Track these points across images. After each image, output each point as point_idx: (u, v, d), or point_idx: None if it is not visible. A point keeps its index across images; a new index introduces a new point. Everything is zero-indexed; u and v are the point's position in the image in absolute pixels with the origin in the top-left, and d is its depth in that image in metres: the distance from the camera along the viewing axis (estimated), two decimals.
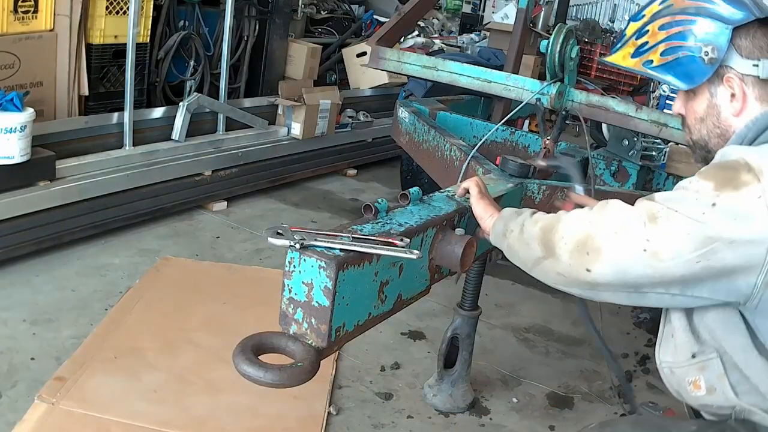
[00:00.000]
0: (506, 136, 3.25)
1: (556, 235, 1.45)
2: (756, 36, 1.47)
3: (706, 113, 1.54)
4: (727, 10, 1.47)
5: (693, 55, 1.48)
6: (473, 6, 9.85)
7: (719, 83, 1.50)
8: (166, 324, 3.01)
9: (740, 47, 1.47)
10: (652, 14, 1.57)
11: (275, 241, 1.43)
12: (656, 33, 1.54)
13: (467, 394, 2.81)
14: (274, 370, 1.38)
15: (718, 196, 1.28)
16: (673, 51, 1.51)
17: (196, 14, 4.60)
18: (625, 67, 1.62)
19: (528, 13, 3.45)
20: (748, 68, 1.46)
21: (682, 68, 1.50)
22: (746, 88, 1.48)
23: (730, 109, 1.50)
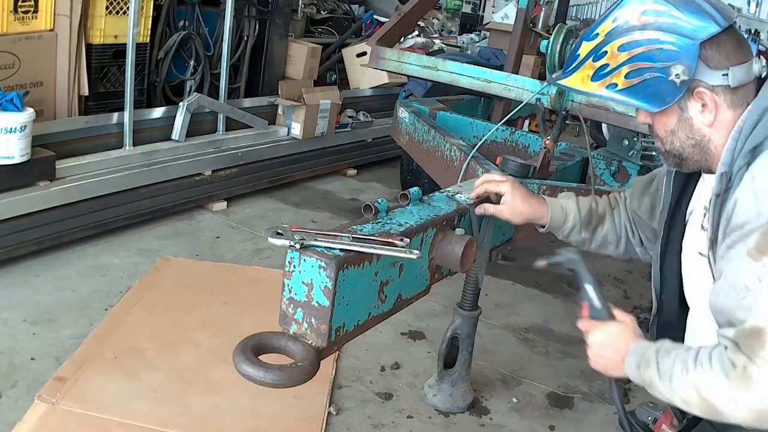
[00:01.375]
0: (506, 136, 3.25)
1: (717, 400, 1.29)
2: (721, 43, 1.42)
3: (678, 126, 1.49)
4: (691, 24, 1.40)
5: (661, 77, 1.42)
6: (473, 6, 9.85)
7: (689, 97, 1.44)
8: (166, 324, 3.01)
9: (708, 59, 1.41)
10: (607, 33, 1.48)
11: (275, 241, 1.43)
12: (616, 54, 1.46)
13: (467, 394, 2.81)
14: (274, 370, 1.38)
15: None
16: (639, 73, 1.43)
17: (196, 14, 4.60)
18: (586, 91, 1.53)
19: (528, 13, 3.46)
20: (717, 79, 1.42)
21: (650, 90, 1.43)
22: (717, 98, 1.43)
23: (702, 120, 1.45)
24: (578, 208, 1.90)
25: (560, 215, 1.89)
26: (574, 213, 1.89)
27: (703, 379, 1.29)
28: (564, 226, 1.90)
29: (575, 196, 1.94)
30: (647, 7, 1.44)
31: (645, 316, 3.74)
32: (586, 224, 1.90)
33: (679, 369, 1.34)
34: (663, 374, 1.37)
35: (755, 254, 1.26)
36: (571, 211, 1.89)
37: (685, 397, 1.33)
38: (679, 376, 1.33)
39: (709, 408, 1.29)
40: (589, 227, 1.90)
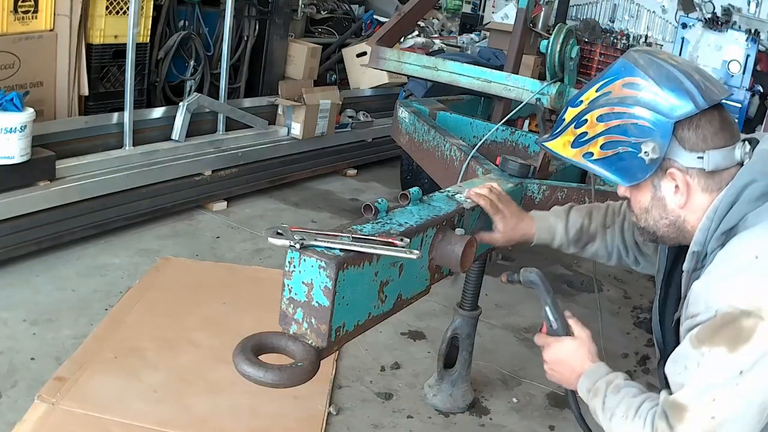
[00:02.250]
0: (506, 136, 3.25)
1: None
2: (700, 125, 1.38)
3: (651, 204, 1.47)
4: (668, 102, 1.37)
5: (633, 152, 1.40)
6: (473, 6, 9.83)
7: (662, 176, 1.42)
8: (166, 324, 3.01)
9: (683, 139, 1.38)
10: (590, 101, 1.47)
11: (275, 241, 1.43)
12: (595, 124, 1.45)
13: (467, 394, 2.81)
14: (274, 370, 1.38)
15: (738, 360, 1.23)
16: (613, 145, 1.42)
17: (196, 14, 4.60)
18: (565, 157, 1.53)
19: (528, 13, 3.45)
20: (692, 161, 1.39)
21: (623, 163, 1.42)
22: (690, 180, 1.40)
23: (675, 201, 1.43)
24: (566, 229, 1.93)
25: (546, 237, 1.93)
26: (561, 235, 1.92)
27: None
28: (551, 244, 1.95)
29: (566, 214, 1.95)
30: (629, 81, 1.43)
31: (645, 316, 3.75)
32: (575, 242, 1.94)
33: (621, 412, 1.41)
34: (606, 410, 1.45)
35: (696, 343, 1.29)
36: (557, 233, 1.92)
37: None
38: (619, 419, 1.41)
39: None
40: (578, 244, 1.94)
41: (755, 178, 1.35)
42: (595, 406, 1.49)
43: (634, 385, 1.48)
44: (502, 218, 1.90)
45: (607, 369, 1.54)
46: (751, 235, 1.33)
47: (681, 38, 6.65)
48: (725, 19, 6.65)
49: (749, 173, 1.36)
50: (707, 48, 6.55)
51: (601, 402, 1.47)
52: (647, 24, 8.04)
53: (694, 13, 6.92)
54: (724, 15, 6.71)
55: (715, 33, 6.52)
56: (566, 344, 1.61)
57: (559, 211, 1.97)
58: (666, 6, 7.79)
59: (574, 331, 1.63)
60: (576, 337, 1.61)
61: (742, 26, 6.62)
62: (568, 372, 1.59)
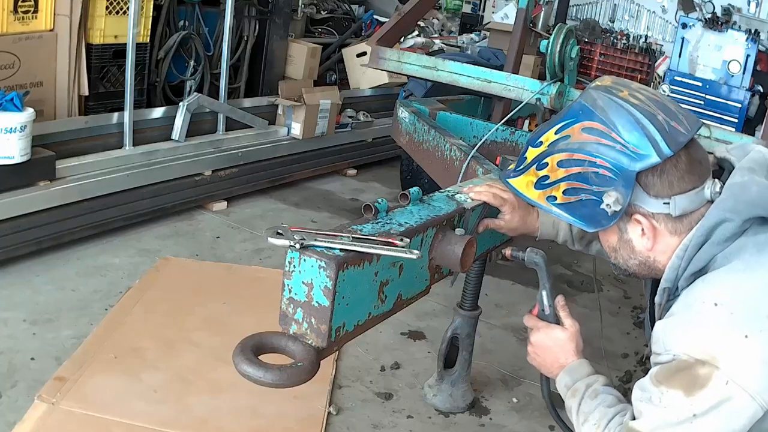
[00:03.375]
0: (506, 136, 3.24)
1: None
2: (665, 171, 1.34)
3: (619, 245, 1.46)
4: (629, 151, 1.32)
5: (596, 200, 1.37)
6: (473, 6, 9.84)
7: (628, 221, 1.40)
8: (166, 324, 3.01)
9: (647, 186, 1.35)
10: (549, 144, 1.43)
11: (275, 241, 1.42)
12: (556, 169, 1.41)
13: (467, 394, 2.81)
14: (274, 370, 1.38)
15: (693, 404, 1.25)
16: (575, 192, 1.39)
17: (196, 14, 4.60)
18: (530, 199, 1.49)
19: (528, 13, 3.45)
20: (658, 207, 1.36)
21: (586, 210, 1.39)
22: (657, 225, 1.38)
23: (642, 244, 1.42)
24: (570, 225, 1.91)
25: (550, 232, 1.93)
26: (564, 231, 1.92)
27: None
28: (556, 239, 1.94)
29: None
30: (588, 125, 1.38)
31: (645, 316, 3.74)
32: (579, 239, 1.93)
33: (594, 419, 1.45)
34: (581, 413, 1.50)
35: (656, 382, 1.31)
36: (561, 229, 1.92)
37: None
38: (590, 426, 1.46)
39: None
40: (583, 241, 1.94)
41: (725, 218, 1.32)
42: (571, 405, 1.53)
43: (611, 392, 1.50)
44: (510, 208, 1.88)
45: (590, 369, 1.57)
46: (715, 280, 1.32)
47: (681, 38, 6.64)
48: (725, 19, 6.65)
49: (719, 212, 1.33)
50: (707, 48, 6.54)
51: (578, 404, 1.51)
52: (647, 24, 8.04)
53: (694, 13, 6.92)
54: (724, 15, 6.71)
55: (715, 33, 6.51)
56: (556, 333, 1.63)
57: None
58: (666, 6, 7.79)
59: (565, 323, 1.64)
60: (566, 329, 1.63)
61: (742, 26, 6.62)
62: (551, 360, 1.62)
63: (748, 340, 1.23)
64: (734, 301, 1.27)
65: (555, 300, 1.67)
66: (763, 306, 1.26)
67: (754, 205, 1.31)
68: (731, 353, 1.23)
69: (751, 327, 1.24)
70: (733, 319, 1.25)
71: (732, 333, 1.24)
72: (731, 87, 6.45)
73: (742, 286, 1.29)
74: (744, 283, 1.29)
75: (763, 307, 1.26)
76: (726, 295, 1.28)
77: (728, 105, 6.46)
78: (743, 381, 1.22)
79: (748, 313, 1.25)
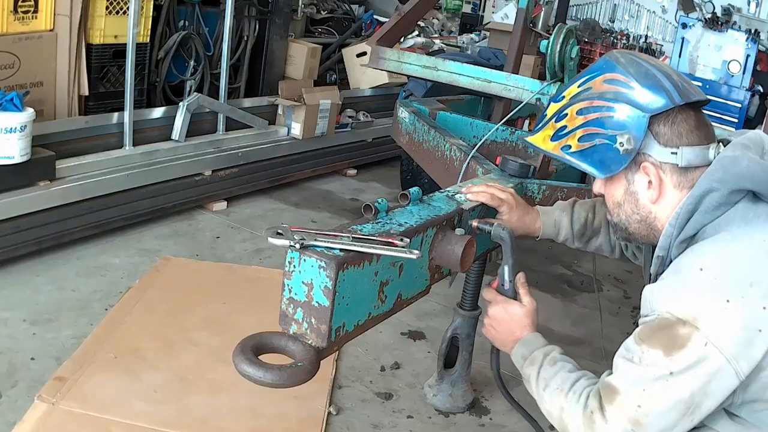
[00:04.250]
0: (506, 136, 3.25)
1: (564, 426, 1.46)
2: (676, 122, 1.42)
3: (624, 199, 1.51)
4: (645, 97, 1.42)
5: (609, 144, 1.44)
6: (473, 6, 9.85)
7: (636, 170, 1.46)
8: (166, 324, 3.01)
9: (658, 134, 1.43)
10: (571, 97, 1.53)
11: (275, 241, 1.43)
12: (574, 117, 1.50)
13: (467, 394, 2.81)
14: (274, 370, 1.38)
15: (671, 363, 1.29)
16: (590, 138, 1.47)
17: (196, 14, 4.60)
18: (545, 150, 1.58)
19: (528, 13, 3.45)
20: (666, 156, 1.43)
21: (598, 156, 1.47)
22: (663, 176, 1.44)
23: (647, 196, 1.47)
24: (571, 223, 1.96)
25: (552, 231, 1.96)
26: (566, 229, 1.96)
27: (568, 406, 1.43)
28: (556, 239, 1.98)
29: (570, 208, 1.98)
30: (610, 77, 1.48)
31: None
32: (579, 237, 1.97)
33: (556, 384, 1.48)
34: (541, 380, 1.53)
35: (638, 340, 1.36)
36: (563, 227, 1.96)
37: (549, 409, 1.48)
38: (553, 390, 1.48)
39: (563, 429, 1.44)
40: (583, 239, 1.98)
41: (713, 187, 1.36)
42: (530, 373, 1.56)
43: (569, 360, 1.54)
44: (508, 208, 1.91)
45: (544, 341, 1.62)
46: (702, 249, 1.37)
47: (681, 38, 6.65)
48: (725, 19, 6.66)
49: (708, 181, 1.38)
50: (707, 48, 6.55)
51: (537, 371, 1.54)
52: (647, 24, 8.04)
53: (694, 13, 6.93)
54: (724, 15, 6.71)
55: (715, 33, 6.52)
56: (513, 308, 1.67)
57: (563, 205, 2.00)
58: (666, 6, 7.79)
59: (523, 300, 1.69)
60: (524, 305, 1.68)
61: (742, 26, 6.63)
62: (506, 334, 1.67)
63: (729, 305, 1.27)
64: (719, 268, 1.32)
65: (516, 277, 1.71)
66: (746, 274, 1.30)
67: (742, 178, 1.35)
68: (712, 316, 1.28)
69: (733, 293, 1.28)
70: (717, 283, 1.30)
71: (714, 296, 1.29)
72: (731, 87, 6.46)
73: (727, 255, 1.34)
74: (730, 252, 1.34)
75: (746, 275, 1.30)
76: (711, 262, 1.33)
77: (728, 105, 6.46)
78: (721, 344, 1.26)
79: (731, 280, 1.30)
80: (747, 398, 1.33)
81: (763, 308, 1.27)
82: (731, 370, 1.27)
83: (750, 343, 1.27)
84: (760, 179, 1.34)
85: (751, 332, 1.27)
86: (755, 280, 1.29)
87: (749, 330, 1.26)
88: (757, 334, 1.27)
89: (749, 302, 1.27)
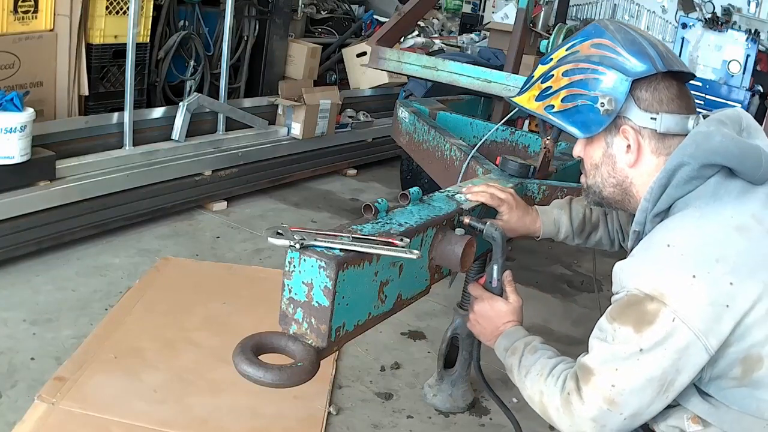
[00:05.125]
0: (506, 136, 3.25)
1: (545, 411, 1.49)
2: (657, 89, 1.45)
3: (602, 161, 1.53)
4: (628, 62, 1.45)
5: (591, 105, 1.47)
6: (473, 6, 9.84)
7: (616, 133, 1.49)
8: (166, 324, 3.01)
9: (639, 99, 1.45)
10: (559, 59, 1.56)
11: (275, 241, 1.43)
12: (560, 78, 1.53)
13: (467, 394, 2.81)
14: (274, 370, 1.38)
15: (640, 339, 1.31)
16: (573, 98, 1.50)
17: (196, 14, 4.60)
18: (528, 109, 1.61)
19: (528, 13, 3.45)
20: (645, 121, 1.45)
21: (580, 116, 1.50)
22: (642, 141, 1.47)
23: (624, 160, 1.49)
24: (570, 220, 1.97)
25: (552, 230, 1.98)
26: (566, 226, 1.97)
27: (547, 390, 1.46)
28: (556, 237, 2.00)
29: (568, 206, 1.99)
30: (597, 41, 1.50)
31: None
32: (579, 233, 1.99)
33: (536, 370, 1.51)
34: (522, 368, 1.56)
35: (610, 319, 1.39)
36: (563, 225, 1.97)
37: (530, 394, 1.52)
38: (533, 376, 1.51)
39: (544, 413, 1.48)
40: (582, 234, 2.00)
41: (684, 161, 1.38)
42: (512, 363, 1.59)
43: (549, 348, 1.57)
44: (508, 208, 1.92)
45: (525, 332, 1.65)
46: (671, 225, 1.39)
47: (681, 38, 6.64)
48: (725, 19, 6.65)
49: (680, 155, 1.39)
50: (707, 48, 6.54)
51: (518, 360, 1.57)
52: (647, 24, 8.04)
53: (694, 13, 6.92)
54: (724, 15, 6.71)
55: (715, 33, 6.51)
56: (499, 305, 1.71)
57: (561, 203, 2.01)
58: (666, 6, 7.79)
59: (509, 297, 1.73)
60: (510, 303, 1.71)
61: (742, 26, 6.62)
62: (491, 329, 1.70)
63: (695, 280, 1.29)
64: (685, 244, 1.34)
65: (503, 275, 1.74)
66: (712, 250, 1.31)
67: (713, 153, 1.36)
68: (679, 291, 1.29)
69: (699, 268, 1.30)
70: (683, 259, 1.32)
71: (681, 272, 1.30)
72: (731, 87, 6.45)
73: (694, 231, 1.35)
74: (697, 228, 1.36)
75: (712, 251, 1.31)
76: (678, 238, 1.35)
77: (728, 105, 6.45)
78: (689, 319, 1.28)
79: (697, 256, 1.31)
80: (714, 374, 1.35)
81: (730, 284, 1.28)
82: (700, 345, 1.28)
83: (718, 318, 1.28)
84: (732, 154, 1.35)
85: (718, 308, 1.28)
86: (721, 257, 1.30)
87: (716, 305, 1.28)
88: (724, 310, 1.28)
89: (715, 278, 1.29)
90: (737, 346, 1.30)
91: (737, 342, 1.30)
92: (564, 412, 1.40)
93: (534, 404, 1.51)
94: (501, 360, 1.65)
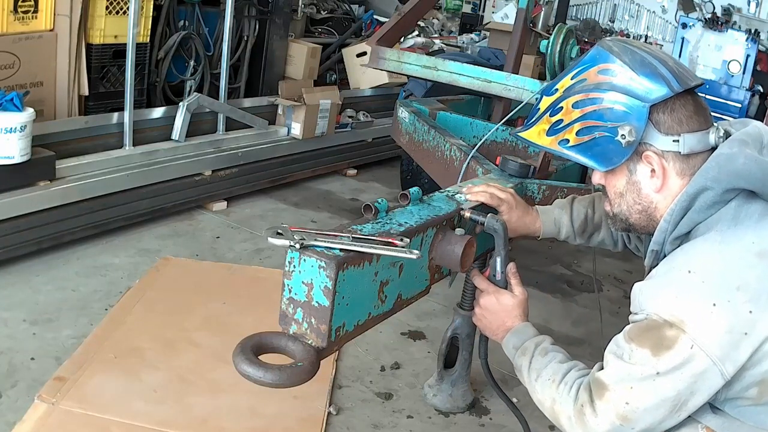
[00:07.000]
0: (506, 136, 3.25)
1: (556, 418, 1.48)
2: (675, 109, 1.40)
3: (626, 189, 1.49)
4: (642, 87, 1.39)
5: (610, 136, 1.42)
6: (473, 6, 9.85)
7: (638, 160, 1.44)
8: (166, 324, 3.01)
9: (659, 123, 1.40)
10: (565, 89, 1.50)
11: (275, 241, 1.43)
12: (570, 111, 1.47)
13: (467, 394, 2.81)
14: (274, 370, 1.38)
15: (658, 363, 1.31)
16: (589, 131, 1.44)
17: (196, 14, 4.60)
18: (541, 145, 1.55)
19: (528, 13, 3.45)
20: (668, 144, 1.41)
21: (599, 149, 1.44)
22: (666, 164, 1.43)
23: (650, 186, 1.45)
24: (571, 220, 1.96)
25: (552, 230, 1.97)
26: (567, 227, 1.96)
27: (560, 398, 1.45)
28: (558, 237, 1.99)
29: (569, 206, 1.97)
30: (604, 67, 1.45)
31: None
32: (580, 233, 1.97)
33: (547, 375, 1.50)
34: (533, 370, 1.55)
35: (628, 339, 1.38)
36: (563, 225, 1.96)
37: (541, 399, 1.51)
38: (544, 381, 1.50)
39: (555, 419, 1.47)
40: (584, 235, 1.97)
41: (707, 186, 1.36)
42: (521, 364, 1.58)
43: (560, 350, 1.56)
44: (508, 208, 1.91)
45: (535, 331, 1.63)
46: (692, 249, 1.37)
47: (681, 38, 6.65)
48: (725, 19, 6.66)
49: (703, 179, 1.36)
50: (707, 48, 6.55)
51: (528, 362, 1.56)
52: (647, 24, 8.04)
53: (694, 13, 6.93)
54: (724, 15, 6.71)
55: (715, 33, 6.52)
56: (505, 298, 1.70)
57: (562, 203, 2.00)
58: (666, 6, 7.79)
59: (514, 290, 1.71)
60: (516, 296, 1.70)
61: (742, 26, 6.63)
62: (497, 323, 1.69)
63: (715, 309, 1.28)
64: (706, 271, 1.32)
65: (507, 267, 1.73)
66: (733, 278, 1.30)
67: (737, 176, 1.34)
68: (698, 319, 1.29)
69: (719, 296, 1.29)
70: (704, 287, 1.30)
71: (701, 300, 1.30)
72: (731, 87, 6.46)
73: (715, 257, 1.34)
74: (718, 254, 1.34)
75: (733, 278, 1.30)
76: (700, 264, 1.33)
77: (728, 105, 6.46)
78: (707, 346, 1.28)
79: (718, 283, 1.30)
80: (730, 396, 1.35)
81: (749, 312, 1.27)
82: (716, 371, 1.28)
83: (735, 346, 1.28)
84: (756, 177, 1.33)
85: (737, 335, 1.27)
86: (742, 284, 1.29)
87: (734, 333, 1.27)
88: (742, 337, 1.27)
89: (735, 306, 1.28)
90: (754, 369, 1.30)
91: (754, 366, 1.30)
92: (576, 422, 1.40)
93: (544, 409, 1.50)
94: (509, 357, 1.63)
